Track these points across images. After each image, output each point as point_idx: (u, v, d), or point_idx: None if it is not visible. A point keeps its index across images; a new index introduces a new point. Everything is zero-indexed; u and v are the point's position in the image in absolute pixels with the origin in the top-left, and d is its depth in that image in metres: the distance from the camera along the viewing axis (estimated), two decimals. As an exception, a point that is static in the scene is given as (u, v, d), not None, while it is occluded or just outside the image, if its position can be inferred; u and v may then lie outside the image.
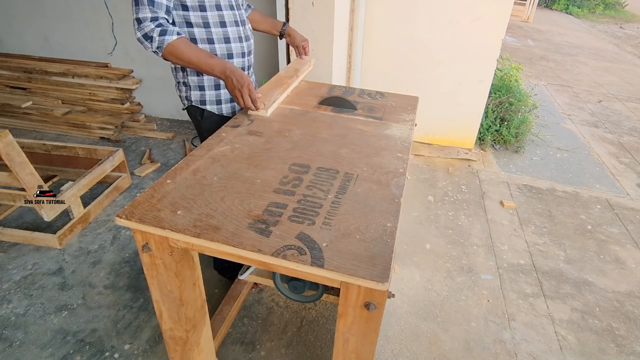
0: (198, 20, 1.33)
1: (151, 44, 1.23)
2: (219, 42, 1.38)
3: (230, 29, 1.40)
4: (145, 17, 1.21)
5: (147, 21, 1.21)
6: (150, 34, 1.22)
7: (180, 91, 1.48)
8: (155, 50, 1.25)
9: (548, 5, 12.89)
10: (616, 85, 5.49)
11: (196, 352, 1.21)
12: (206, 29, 1.35)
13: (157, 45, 1.23)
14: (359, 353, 0.96)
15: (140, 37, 1.24)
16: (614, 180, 3.01)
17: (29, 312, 1.68)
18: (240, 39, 1.44)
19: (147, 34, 1.22)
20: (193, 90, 1.44)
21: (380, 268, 0.79)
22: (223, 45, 1.39)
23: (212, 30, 1.36)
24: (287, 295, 1.24)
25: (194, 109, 1.48)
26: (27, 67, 3.23)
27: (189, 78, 1.42)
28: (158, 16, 1.23)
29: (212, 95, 1.45)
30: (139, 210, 0.92)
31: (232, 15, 1.39)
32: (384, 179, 1.09)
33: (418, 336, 1.67)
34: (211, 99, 1.46)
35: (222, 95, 1.47)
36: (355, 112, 1.54)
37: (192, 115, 1.51)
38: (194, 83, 1.43)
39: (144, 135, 3.21)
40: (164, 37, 1.22)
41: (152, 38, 1.22)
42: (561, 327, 1.77)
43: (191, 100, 1.46)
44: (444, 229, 2.33)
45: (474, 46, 2.81)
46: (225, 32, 1.39)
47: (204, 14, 1.32)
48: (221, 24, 1.37)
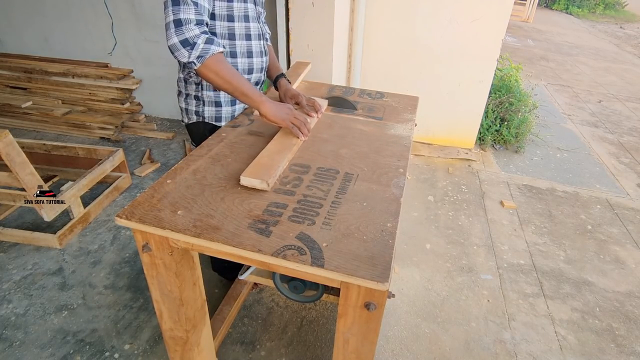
0: (224, 31, 1.20)
1: (191, 52, 1.03)
2: (242, 56, 1.26)
3: (255, 42, 1.29)
4: (189, 19, 1.01)
5: (191, 24, 1.01)
6: (193, 40, 1.02)
7: (189, 104, 1.32)
8: (193, 61, 1.05)
9: (548, 5, 12.89)
10: (616, 85, 5.49)
11: (196, 352, 1.21)
12: (230, 41, 1.23)
13: (199, 54, 1.04)
14: (359, 353, 0.96)
15: (177, 43, 1.01)
16: (614, 180, 3.01)
17: (29, 312, 1.68)
18: (261, 54, 1.34)
19: (189, 40, 1.01)
20: (208, 105, 1.31)
21: (380, 268, 0.79)
22: (245, 60, 1.27)
23: (236, 42, 1.24)
24: (287, 295, 1.24)
25: (205, 125, 1.34)
26: (27, 67, 3.23)
27: (204, 92, 1.28)
28: (203, 20, 1.05)
29: (228, 111, 1.33)
30: (139, 210, 0.92)
31: (256, 28, 1.29)
32: (384, 179, 1.09)
33: (418, 336, 1.67)
34: (227, 115, 1.34)
35: (237, 111, 1.39)
36: (356, 112, 1.54)
37: (198, 130, 1.36)
38: (209, 98, 1.29)
39: (144, 135, 3.21)
40: (209, 46, 1.04)
41: (196, 45, 1.02)
42: (561, 327, 1.77)
43: (204, 116, 1.32)
44: (444, 229, 2.33)
45: (474, 46, 2.81)
46: (249, 46, 1.28)
47: (231, 24, 1.20)
48: (247, 36, 1.25)
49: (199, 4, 1.05)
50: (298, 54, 2.32)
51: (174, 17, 1.01)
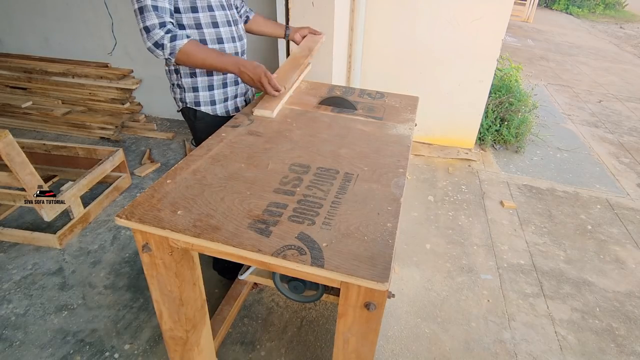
0: (190, 22, 1.32)
1: (163, 51, 1.23)
2: (212, 43, 1.38)
3: (223, 29, 1.39)
4: (154, 25, 1.20)
5: (156, 28, 1.20)
6: (160, 42, 1.21)
7: (175, 93, 1.48)
8: (169, 57, 1.25)
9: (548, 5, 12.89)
10: (616, 85, 5.49)
11: (196, 352, 1.21)
12: (198, 30, 1.34)
13: (170, 51, 1.23)
14: (359, 353, 0.96)
15: (151, 46, 1.22)
16: (614, 180, 3.01)
17: (29, 312, 1.68)
18: (234, 39, 1.44)
19: (158, 42, 1.21)
20: (187, 92, 1.44)
21: (380, 268, 0.79)
22: (216, 46, 1.39)
23: (204, 31, 1.35)
24: (287, 295, 1.24)
25: (188, 110, 1.48)
26: (27, 67, 3.23)
27: (183, 80, 1.42)
28: (165, 21, 1.22)
29: (205, 96, 1.45)
30: (139, 210, 0.92)
31: (224, 16, 1.39)
32: (384, 179, 1.09)
33: (418, 336, 1.67)
34: (205, 99, 1.45)
35: (216, 96, 1.47)
36: (356, 112, 1.54)
37: (186, 116, 1.52)
38: (187, 85, 1.42)
39: (144, 135, 3.21)
40: (174, 43, 1.22)
41: (164, 45, 1.21)
42: (561, 327, 1.77)
43: (186, 102, 1.46)
44: (444, 229, 2.33)
45: (474, 46, 2.81)
46: (218, 33, 1.38)
47: (196, 15, 1.32)
48: (213, 24, 1.36)
49: (159, 7, 1.21)
50: (298, 54, 2.31)
51: (142, 25, 1.20)
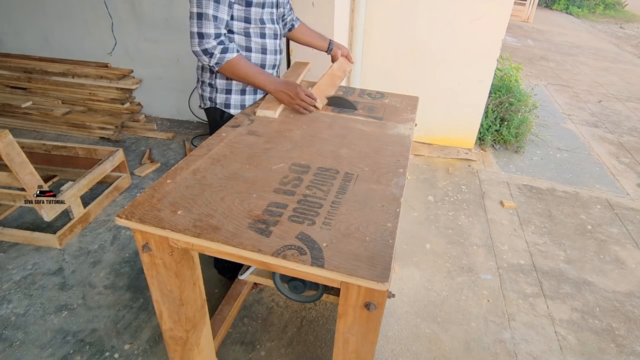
0: (240, 30, 1.37)
1: (210, 59, 1.28)
2: (256, 52, 1.43)
3: (269, 40, 1.45)
4: (209, 34, 1.23)
5: (211, 38, 1.24)
6: (211, 51, 1.26)
7: (204, 91, 1.49)
8: (213, 65, 1.30)
9: (548, 5, 12.89)
10: (616, 85, 5.49)
11: (196, 352, 1.21)
12: (246, 38, 1.39)
13: (217, 62, 1.28)
14: (359, 353, 0.96)
15: (199, 51, 1.26)
16: (614, 180, 3.01)
17: (29, 312, 1.68)
18: (276, 52, 1.50)
19: (208, 50, 1.26)
20: (219, 92, 1.46)
21: (381, 268, 0.79)
22: (259, 55, 1.44)
23: (251, 39, 1.40)
24: (287, 295, 1.24)
25: (215, 110, 1.50)
26: (27, 67, 3.23)
27: (217, 81, 1.44)
28: (220, 32, 1.26)
29: (237, 99, 1.47)
30: (139, 210, 0.92)
31: (272, 29, 1.44)
32: (384, 179, 1.09)
33: (418, 336, 1.67)
34: (236, 103, 1.48)
35: (247, 101, 1.50)
36: (356, 112, 1.54)
37: (211, 115, 1.53)
38: (221, 86, 1.45)
39: (144, 135, 3.21)
40: (224, 55, 1.27)
41: (213, 55, 1.27)
42: (561, 327, 1.77)
43: (215, 102, 1.47)
44: (444, 229, 2.33)
45: (474, 46, 2.81)
46: (264, 44, 1.43)
47: (247, 25, 1.37)
48: (261, 35, 1.42)
49: (218, 17, 1.24)
50: (298, 54, 2.32)
51: (197, 30, 1.23)
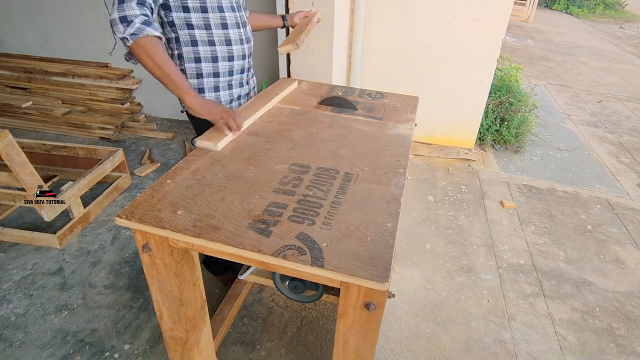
0: (199, 22, 1.30)
1: (126, 28, 1.09)
2: (220, 44, 1.36)
3: (232, 30, 1.37)
4: None
5: (133, 2, 1.09)
6: (130, 18, 1.08)
7: None
8: (126, 37, 1.10)
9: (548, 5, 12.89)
10: (616, 85, 5.49)
11: (196, 352, 1.21)
12: (207, 31, 1.32)
13: (133, 32, 1.09)
14: (359, 353, 0.96)
15: (117, 18, 1.08)
16: (614, 180, 3.00)
17: (29, 312, 1.68)
18: (242, 41, 1.42)
19: (127, 17, 1.08)
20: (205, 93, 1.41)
21: (380, 268, 0.79)
22: (224, 47, 1.37)
23: (213, 32, 1.33)
24: (287, 295, 1.24)
25: None
26: (27, 67, 3.23)
27: (189, 81, 1.37)
28: (145, 2, 1.12)
29: (211, 97, 1.43)
30: (139, 210, 0.92)
31: (233, 17, 1.37)
32: (384, 179, 1.09)
33: (418, 336, 1.67)
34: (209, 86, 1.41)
35: (222, 97, 1.46)
36: (356, 112, 1.54)
37: (190, 116, 1.45)
38: (193, 86, 1.38)
39: (144, 135, 3.21)
40: (144, 27, 1.10)
41: (132, 23, 1.08)
42: (561, 327, 1.77)
43: None
44: (444, 229, 2.33)
45: (474, 46, 2.81)
46: (227, 34, 1.36)
47: (206, 15, 1.29)
48: (223, 25, 1.34)
49: None
50: (298, 54, 2.32)
51: None
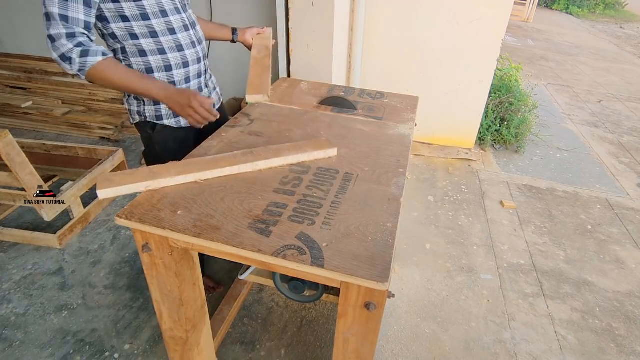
0: (144, 31, 1.17)
1: (71, 66, 1.06)
2: (172, 51, 1.23)
3: (181, 35, 1.24)
4: (59, 35, 1.03)
5: (62, 39, 1.03)
6: (68, 55, 1.04)
7: (131, 105, 1.32)
8: (77, 74, 1.08)
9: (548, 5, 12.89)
10: (616, 85, 5.49)
11: (196, 352, 1.21)
12: (155, 39, 1.19)
13: (79, 68, 1.06)
14: (359, 353, 0.96)
15: (57, 59, 1.05)
16: (614, 180, 3.00)
17: (29, 312, 1.68)
18: (194, 44, 1.30)
19: (65, 55, 1.04)
20: (147, 105, 1.28)
21: (380, 268, 0.79)
22: (177, 54, 1.24)
23: (161, 39, 1.20)
24: (287, 295, 1.24)
25: (146, 124, 1.32)
26: (27, 67, 3.23)
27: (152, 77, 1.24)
28: (75, 32, 1.05)
29: (168, 108, 1.27)
30: (139, 210, 0.92)
31: (180, 20, 1.24)
32: (384, 179, 1.09)
33: (418, 336, 1.67)
34: (168, 112, 1.30)
35: None
36: (356, 112, 1.54)
37: (142, 130, 1.36)
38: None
39: (144, 135, 3.21)
40: (85, 59, 1.05)
41: (72, 60, 1.04)
42: (561, 327, 1.77)
43: (145, 116, 1.30)
44: (444, 229, 2.33)
45: (474, 46, 2.81)
46: (177, 40, 1.23)
47: (149, 22, 1.16)
48: (170, 31, 1.21)
49: (68, 17, 1.04)
50: (298, 54, 2.32)
51: (48, 33, 1.04)
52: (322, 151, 1.17)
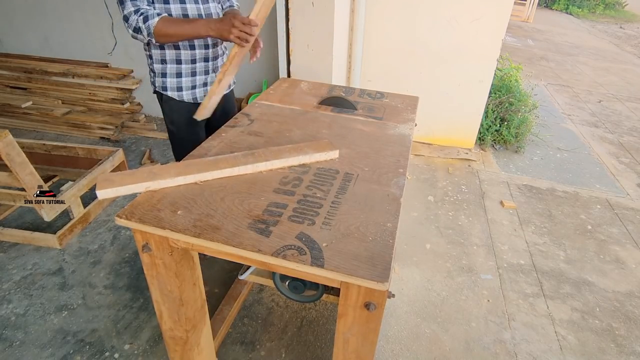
0: (162, 13, 1.33)
1: (142, 34, 1.27)
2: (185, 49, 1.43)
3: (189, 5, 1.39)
4: (130, 13, 1.26)
5: (132, 15, 1.25)
6: (137, 26, 1.26)
7: (151, 77, 1.54)
8: (150, 39, 1.29)
9: (548, 5, 12.89)
10: (616, 85, 5.49)
11: (196, 352, 1.21)
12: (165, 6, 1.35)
13: (147, 32, 1.26)
14: (359, 353, 0.96)
15: (133, 33, 1.28)
16: (614, 180, 3.00)
17: (29, 312, 1.68)
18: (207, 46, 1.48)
19: (135, 27, 1.26)
20: (157, 77, 1.49)
21: (380, 268, 0.79)
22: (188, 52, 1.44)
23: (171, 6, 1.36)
24: (287, 295, 1.24)
25: (160, 95, 1.54)
26: (27, 67, 3.23)
27: (155, 66, 1.47)
28: (139, 8, 1.26)
29: (173, 82, 1.49)
30: (139, 210, 0.92)
31: (195, 9, 1.40)
32: (384, 179, 1.09)
33: (418, 336, 1.67)
34: (172, 85, 1.49)
35: (183, 83, 1.50)
36: (356, 112, 1.54)
37: (158, 99, 1.58)
38: (158, 70, 1.48)
39: (144, 135, 3.21)
40: (147, 23, 1.25)
41: (140, 29, 1.26)
42: (561, 327, 1.77)
43: (156, 86, 1.52)
44: (444, 229, 2.33)
45: (474, 46, 2.81)
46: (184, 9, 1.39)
47: (167, 6, 1.34)
48: (184, 17, 1.37)
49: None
50: (298, 54, 2.32)
51: (122, 14, 1.28)
52: (324, 153, 1.17)
